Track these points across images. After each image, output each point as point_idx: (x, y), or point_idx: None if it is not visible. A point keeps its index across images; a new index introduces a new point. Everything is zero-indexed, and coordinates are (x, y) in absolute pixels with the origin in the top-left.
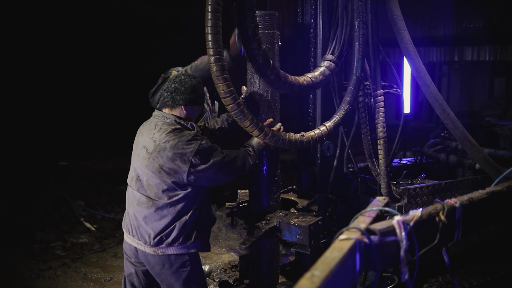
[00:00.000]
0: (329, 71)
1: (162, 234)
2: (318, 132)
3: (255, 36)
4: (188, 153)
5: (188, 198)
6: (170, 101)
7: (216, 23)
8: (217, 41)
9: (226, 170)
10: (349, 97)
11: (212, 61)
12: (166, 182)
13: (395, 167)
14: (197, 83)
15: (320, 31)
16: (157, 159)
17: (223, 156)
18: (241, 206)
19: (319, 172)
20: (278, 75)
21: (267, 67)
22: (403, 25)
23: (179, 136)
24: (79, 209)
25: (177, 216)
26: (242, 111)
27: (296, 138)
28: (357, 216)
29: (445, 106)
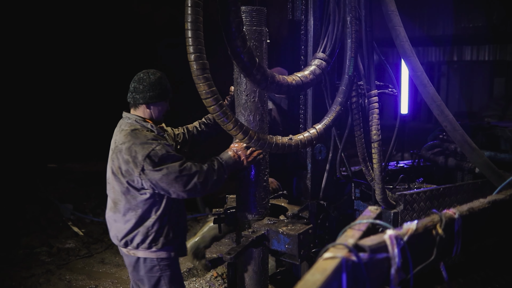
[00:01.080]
0: (320, 70)
1: (126, 238)
2: (308, 135)
3: (240, 33)
4: (139, 156)
5: (149, 203)
6: (132, 101)
7: (197, 18)
8: (198, 37)
9: (183, 184)
10: (340, 97)
11: (192, 59)
12: (124, 185)
13: (391, 171)
14: (156, 79)
15: (311, 28)
16: (115, 160)
17: (180, 168)
18: (229, 212)
19: (311, 176)
20: (265, 74)
21: (253, 66)
22: (399, 21)
23: (135, 138)
24: (67, 212)
25: (139, 221)
26: (224, 112)
27: (284, 142)
28: (345, 229)
29: (444, 107)
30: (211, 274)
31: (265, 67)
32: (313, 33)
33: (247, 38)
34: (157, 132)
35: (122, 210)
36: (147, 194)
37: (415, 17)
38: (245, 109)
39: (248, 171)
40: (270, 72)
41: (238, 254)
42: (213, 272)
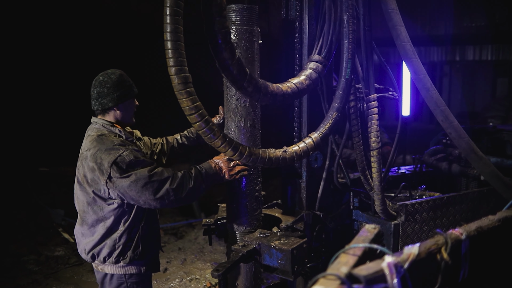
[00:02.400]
0: (316, 73)
1: (93, 251)
2: (303, 146)
3: (227, 44)
4: (105, 163)
5: (117, 213)
6: (100, 107)
7: (176, 28)
8: (178, 49)
9: (153, 190)
10: (337, 103)
11: (173, 73)
12: (90, 195)
13: (392, 177)
14: (118, 77)
15: (306, 27)
16: (81, 168)
17: (150, 174)
18: (219, 223)
19: (306, 186)
20: (257, 85)
21: (243, 79)
22: (400, 20)
23: (101, 143)
24: (58, 218)
25: (107, 232)
26: (211, 129)
27: (278, 155)
28: (338, 253)
29: (448, 112)
30: (204, 284)
31: (257, 78)
32: (308, 33)
33: (238, 38)
34: (126, 137)
35: (89, 222)
36: (115, 204)
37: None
38: (235, 115)
39: (239, 180)
40: (262, 82)
41: (227, 270)
42: (207, 282)
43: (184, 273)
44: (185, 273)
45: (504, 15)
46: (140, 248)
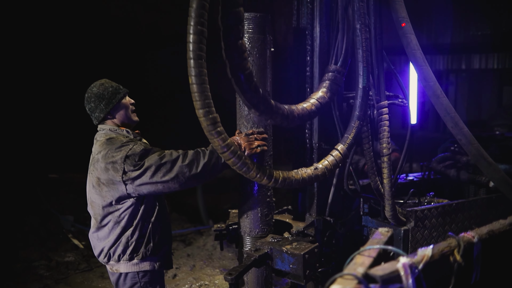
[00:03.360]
0: (336, 84)
1: (110, 250)
2: (332, 160)
3: (250, 83)
4: (118, 160)
5: (129, 212)
6: (97, 120)
7: (201, 71)
8: (204, 91)
9: (166, 171)
10: (358, 111)
11: (202, 115)
12: (106, 197)
13: (400, 184)
14: (99, 88)
15: (318, 36)
16: (94, 172)
17: (160, 156)
18: (231, 229)
19: (317, 191)
20: (284, 113)
21: (269, 111)
22: (410, 28)
23: (111, 144)
24: (67, 224)
25: (122, 231)
26: (244, 163)
27: (310, 173)
28: (354, 255)
29: (458, 119)
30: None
31: (287, 107)
32: (319, 41)
33: (251, 46)
34: (134, 136)
35: (106, 224)
36: (129, 202)
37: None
38: (247, 121)
39: (251, 186)
40: (287, 109)
41: (239, 274)
42: None
43: (193, 279)
44: (194, 279)
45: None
46: (151, 244)
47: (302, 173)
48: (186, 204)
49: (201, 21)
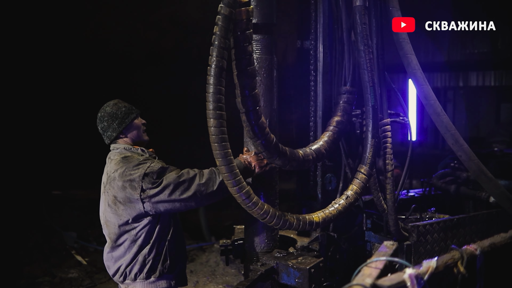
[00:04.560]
0: (349, 105)
1: (126, 269)
2: (359, 183)
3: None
4: (136, 178)
5: (146, 230)
6: (109, 139)
7: (222, 130)
8: (225, 149)
9: (184, 189)
10: (371, 130)
11: (225, 171)
12: (122, 216)
13: (402, 200)
14: (112, 107)
15: (321, 57)
16: (110, 191)
17: (178, 175)
18: (236, 244)
19: (320, 207)
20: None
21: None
22: (410, 49)
23: (128, 162)
24: (71, 241)
25: (139, 250)
26: (255, 203)
27: (344, 204)
28: (361, 267)
29: (458, 136)
30: None
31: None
32: (322, 62)
33: (259, 66)
34: (149, 154)
35: (123, 243)
36: (145, 220)
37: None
38: None
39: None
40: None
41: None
42: None
43: None
44: None
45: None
46: (168, 261)
47: (337, 206)
48: (188, 221)
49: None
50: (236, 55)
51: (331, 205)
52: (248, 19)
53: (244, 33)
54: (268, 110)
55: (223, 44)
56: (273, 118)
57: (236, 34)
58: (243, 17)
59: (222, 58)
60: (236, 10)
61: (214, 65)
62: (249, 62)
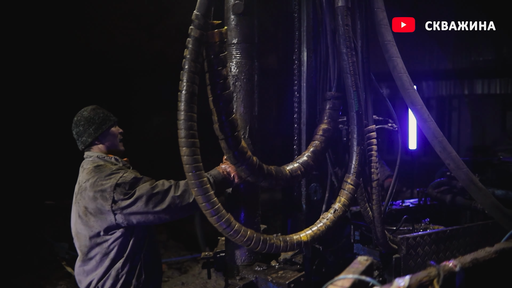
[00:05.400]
0: (336, 111)
1: (98, 284)
2: (347, 194)
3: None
4: (107, 188)
5: (119, 243)
6: (83, 145)
7: (195, 159)
8: (200, 177)
9: (158, 202)
10: (356, 137)
11: (201, 201)
12: (93, 227)
13: (395, 210)
14: (90, 112)
15: (305, 61)
16: (81, 201)
17: (152, 186)
18: (218, 256)
19: (305, 219)
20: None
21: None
22: (396, 52)
23: (99, 172)
24: (62, 252)
25: (111, 264)
26: (237, 231)
27: (332, 218)
28: (326, 285)
29: (446, 143)
30: None
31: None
32: (306, 65)
33: (238, 71)
34: (122, 163)
35: (94, 256)
36: (117, 233)
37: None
38: None
39: (238, 213)
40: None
41: None
42: None
43: None
44: None
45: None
46: (143, 276)
47: (325, 221)
48: (184, 231)
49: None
50: (210, 79)
51: (319, 220)
52: (221, 41)
53: (218, 56)
54: (248, 117)
55: (194, 68)
56: (254, 125)
57: (210, 57)
58: (215, 40)
59: (192, 83)
60: (208, 32)
61: (185, 90)
62: (224, 86)
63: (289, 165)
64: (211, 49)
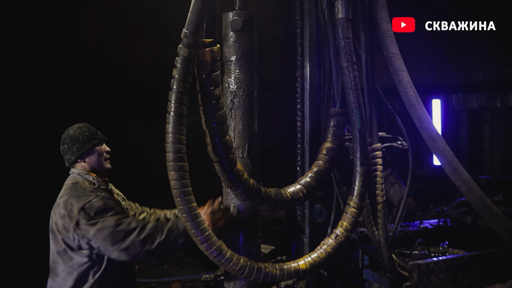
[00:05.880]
0: (340, 128)
1: None
2: (349, 218)
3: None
4: (74, 209)
5: (86, 265)
6: (68, 162)
7: (183, 183)
8: (188, 203)
9: (118, 240)
10: (359, 156)
11: (191, 228)
12: (60, 244)
13: (412, 232)
14: (75, 130)
15: (307, 76)
16: (53, 216)
17: (117, 222)
18: (219, 280)
19: (309, 242)
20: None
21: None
22: (401, 65)
23: (74, 190)
24: None
25: (76, 285)
26: (229, 259)
27: (333, 244)
28: None
29: (456, 164)
30: None
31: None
32: (309, 80)
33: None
34: (98, 184)
35: (59, 273)
36: (85, 254)
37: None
38: None
39: (237, 235)
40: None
41: None
42: None
43: None
44: None
45: None
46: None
47: (326, 248)
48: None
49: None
50: (202, 99)
51: (320, 246)
52: (213, 60)
53: (210, 76)
54: (247, 135)
55: (182, 89)
56: (253, 144)
57: (201, 77)
58: (207, 59)
59: (181, 104)
60: (199, 51)
61: (173, 112)
62: (217, 107)
63: (290, 187)
64: (202, 68)
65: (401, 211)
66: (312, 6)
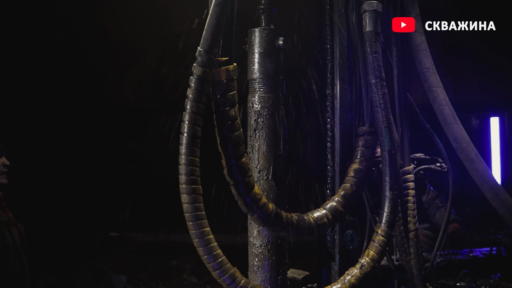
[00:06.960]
0: (369, 148)
1: None
2: (376, 247)
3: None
4: None
5: None
6: None
7: (196, 207)
8: (201, 227)
9: None
10: (388, 180)
11: (203, 253)
12: None
13: (459, 261)
14: None
15: (338, 94)
16: None
17: None
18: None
19: (339, 270)
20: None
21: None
22: (437, 81)
23: None
24: (119, 284)
25: None
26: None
27: (358, 275)
28: None
29: (499, 189)
30: None
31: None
32: (339, 98)
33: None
34: None
35: None
36: None
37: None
38: None
39: (260, 260)
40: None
41: None
42: None
43: None
44: None
45: None
46: None
47: (349, 279)
48: None
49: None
50: (217, 120)
51: (343, 277)
52: (229, 80)
53: (225, 96)
54: (272, 156)
55: (196, 109)
56: (279, 165)
57: (216, 97)
58: (222, 78)
59: (194, 125)
60: (214, 70)
61: (186, 133)
62: (232, 128)
63: (315, 212)
64: (217, 88)
65: (440, 237)
66: (343, 20)
